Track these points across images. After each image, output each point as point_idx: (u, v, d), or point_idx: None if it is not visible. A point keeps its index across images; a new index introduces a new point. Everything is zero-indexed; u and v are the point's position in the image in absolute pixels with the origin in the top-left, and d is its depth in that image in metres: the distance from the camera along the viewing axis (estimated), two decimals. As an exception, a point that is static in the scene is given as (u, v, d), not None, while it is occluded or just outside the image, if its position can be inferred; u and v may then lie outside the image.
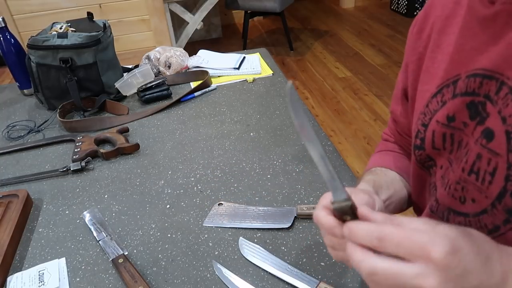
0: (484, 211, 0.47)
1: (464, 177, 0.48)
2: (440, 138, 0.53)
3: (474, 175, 0.47)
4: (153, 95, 1.19)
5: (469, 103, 0.48)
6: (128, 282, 0.64)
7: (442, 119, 0.52)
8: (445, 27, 0.54)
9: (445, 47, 0.53)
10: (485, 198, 0.46)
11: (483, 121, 0.46)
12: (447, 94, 0.52)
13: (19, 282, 0.66)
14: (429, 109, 0.54)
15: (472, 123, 0.48)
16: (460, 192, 0.50)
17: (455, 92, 0.50)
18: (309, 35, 4.04)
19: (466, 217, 0.50)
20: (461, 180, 0.49)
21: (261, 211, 0.77)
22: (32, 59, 1.12)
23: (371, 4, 4.72)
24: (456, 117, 0.50)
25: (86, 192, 0.87)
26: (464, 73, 0.49)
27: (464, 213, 0.50)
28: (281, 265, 0.65)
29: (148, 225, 0.77)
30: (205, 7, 3.12)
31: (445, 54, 0.53)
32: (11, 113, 1.20)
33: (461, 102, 0.49)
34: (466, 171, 0.48)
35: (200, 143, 1.00)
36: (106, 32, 1.16)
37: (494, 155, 0.44)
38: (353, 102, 2.83)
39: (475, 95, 0.47)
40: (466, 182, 0.48)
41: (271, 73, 1.31)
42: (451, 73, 0.51)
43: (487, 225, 0.47)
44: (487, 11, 0.46)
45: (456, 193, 0.50)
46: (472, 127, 0.48)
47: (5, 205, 0.80)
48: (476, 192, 0.47)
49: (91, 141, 0.99)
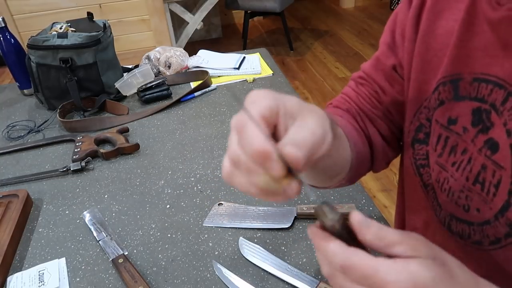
0: (487, 222, 0.46)
1: (469, 186, 0.47)
2: (435, 139, 0.51)
3: (479, 185, 0.46)
4: (153, 95, 1.19)
5: (475, 109, 0.45)
6: (128, 282, 0.64)
7: (442, 120, 0.50)
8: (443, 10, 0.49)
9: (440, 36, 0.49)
10: (489, 209, 0.45)
11: (487, 131, 0.44)
12: (443, 93, 0.49)
13: (19, 282, 0.66)
14: (430, 104, 0.52)
15: (473, 130, 0.46)
16: (464, 200, 0.48)
17: (460, 94, 0.47)
18: (309, 35, 4.04)
19: (470, 226, 0.48)
20: (465, 189, 0.48)
21: (261, 211, 0.77)
22: (32, 59, 1.12)
23: (371, 4, 4.72)
24: (458, 121, 0.48)
25: (86, 192, 0.87)
26: (468, 74, 0.46)
27: (468, 222, 0.49)
28: (281, 265, 0.65)
29: (148, 225, 0.77)
30: (205, 7, 3.12)
31: (440, 44, 0.49)
32: (11, 113, 1.20)
33: (467, 106, 0.46)
34: (470, 180, 0.47)
35: (200, 143, 1.00)
36: (106, 32, 1.16)
37: (498, 167, 0.43)
38: (353, 102, 2.83)
39: (483, 102, 0.45)
40: (471, 191, 0.47)
41: (271, 73, 1.31)
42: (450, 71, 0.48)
43: (489, 236, 0.46)
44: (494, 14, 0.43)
45: (460, 200, 0.49)
46: (472, 134, 0.46)
47: (5, 205, 0.80)
48: (481, 202, 0.46)
49: (91, 141, 0.99)
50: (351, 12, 4.60)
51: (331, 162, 0.49)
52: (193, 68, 1.35)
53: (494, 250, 0.38)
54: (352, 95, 0.65)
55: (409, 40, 0.54)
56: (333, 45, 3.75)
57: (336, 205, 0.74)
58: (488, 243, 0.47)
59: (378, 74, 0.61)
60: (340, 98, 0.66)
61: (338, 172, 0.53)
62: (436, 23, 0.50)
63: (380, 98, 0.61)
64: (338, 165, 0.52)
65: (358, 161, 0.56)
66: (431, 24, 0.51)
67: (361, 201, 0.78)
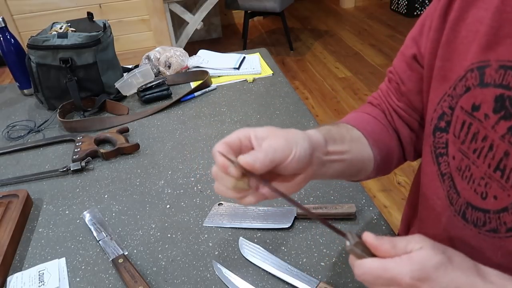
0: (505, 209, 0.46)
1: (490, 173, 0.47)
2: (459, 126, 0.51)
3: (499, 172, 0.46)
4: (153, 95, 1.19)
5: (498, 96, 0.46)
6: (128, 282, 0.64)
7: (467, 106, 0.50)
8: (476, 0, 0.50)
9: (471, 24, 0.49)
10: (508, 196, 0.46)
11: (509, 117, 0.44)
12: (470, 80, 0.49)
13: (19, 282, 0.66)
14: (456, 92, 0.52)
15: (495, 117, 0.46)
16: (483, 187, 0.49)
17: (485, 80, 0.47)
18: (309, 35, 4.04)
19: (486, 213, 0.49)
20: (486, 176, 0.48)
21: (261, 211, 0.77)
22: (32, 59, 1.12)
23: (371, 4, 4.72)
24: (481, 108, 0.48)
25: (86, 192, 0.87)
26: (495, 61, 0.46)
27: (484, 209, 0.49)
28: (281, 265, 0.65)
29: (148, 225, 0.77)
30: (205, 7, 3.12)
31: (471, 31, 0.49)
32: (11, 113, 1.20)
33: (491, 93, 0.46)
34: (492, 167, 0.47)
35: (200, 143, 1.00)
36: (106, 32, 1.16)
37: None
38: (353, 102, 2.83)
39: (507, 88, 0.45)
40: (491, 178, 0.47)
41: (271, 73, 1.31)
42: (479, 58, 0.48)
43: (507, 223, 0.47)
44: None
45: (479, 188, 0.49)
46: (493, 120, 0.46)
47: (5, 205, 0.80)
48: (499, 189, 0.47)
49: (91, 141, 0.99)
50: (351, 12, 4.60)
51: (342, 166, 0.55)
52: (193, 68, 1.35)
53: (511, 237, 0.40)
54: (384, 90, 0.70)
55: (434, 29, 0.55)
56: (333, 45, 3.75)
57: (336, 205, 0.74)
58: (505, 230, 0.47)
59: (401, 66, 0.65)
60: (375, 94, 0.72)
61: (358, 171, 0.60)
62: (467, 12, 0.50)
63: (401, 89, 0.65)
64: (355, 166, 0.58)
65: (382, 156, 0.62)
66: (463, 13, 0.51)
67: (361, 201, 0.78)
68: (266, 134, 0.47)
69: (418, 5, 4.07)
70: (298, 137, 0.47)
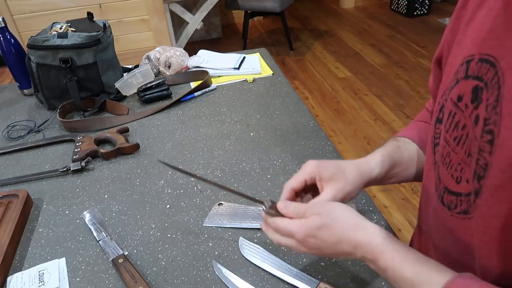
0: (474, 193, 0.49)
1: (465, 158, 0.50)
2: (447, 116, 0.54)
3: (469, 158, 0.49)
4: (153, 95, 1.19)
5: (474, 87, 0.49)
6: (128, 282, 0.64)
7: (454, 97, 0.53)
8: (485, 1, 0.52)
9: (476, 23, 0.53)
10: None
11: (478, 106, 0.48)
12: (460, 73, 0.52)
13: (19, 282, 0.66)
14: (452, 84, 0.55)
15: (471, 106, 0.49)
16: (459, 172, 0.51)
17: (468, 73, 0.50)
18: (309, 35, 4.04)
19: (458, 196, 0.52)
20: (462, 162, 0.51)
21: (261, 211, 0.77)
22: (32, 59, 1.12)
23: (371, 4, 4.72)
24: (463, 98, 0.51)
25: (86, 192, 0.87)
26: (478, 54, 0.49)
27: (456, 193, 0.52)
28: (281, 265, 0.65)
29: (148, 225, 0.77)
30: (205, 7, 3.12)
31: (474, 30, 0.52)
32: (11, 113, 1.20)
33: (470, 84, 0.50)
34: (467, 153, 0.50)
35: (200, 143, 1.00)
36: (106, 32, 1.16)
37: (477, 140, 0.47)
38: (353, 102, 2.83)
39: (481, 80, 0.48)
40: (465, 164, 0.50)
41: (271, 73, 1.31)
42: (468, 52, 0.51)
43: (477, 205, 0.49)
44: None
45: (455, 173, 0.52)
46: (470, 110, 0.50)
47: (5, 205, 0.80)
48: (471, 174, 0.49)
49: (91, 141, 0.99)
50: (351, 12, 4.60)
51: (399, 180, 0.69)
52: (193, 68, 1.35)
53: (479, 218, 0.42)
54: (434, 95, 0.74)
55: (450, 30, 0.59)
56: (333, 45, 3.75)
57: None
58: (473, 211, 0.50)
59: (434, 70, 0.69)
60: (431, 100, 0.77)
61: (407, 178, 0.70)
62: (477, 12, 0.53)
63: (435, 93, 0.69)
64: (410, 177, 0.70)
65: None
66: (473, 13, 0.54)
67: (361, 201, 0.78)
68: (328, 177, 0.60)
69: (418, 5, 4.07)
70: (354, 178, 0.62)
